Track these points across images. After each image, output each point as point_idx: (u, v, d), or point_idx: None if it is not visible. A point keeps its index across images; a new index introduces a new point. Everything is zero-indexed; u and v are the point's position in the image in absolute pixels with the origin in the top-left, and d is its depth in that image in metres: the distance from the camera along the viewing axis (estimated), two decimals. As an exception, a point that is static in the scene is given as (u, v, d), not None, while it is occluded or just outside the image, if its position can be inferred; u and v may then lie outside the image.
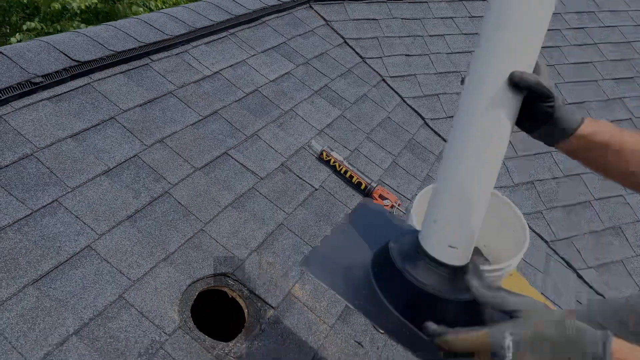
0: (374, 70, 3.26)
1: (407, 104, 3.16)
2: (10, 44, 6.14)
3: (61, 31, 6.95)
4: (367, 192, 2.33)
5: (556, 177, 3.30)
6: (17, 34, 6.97)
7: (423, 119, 3.13)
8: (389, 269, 1.08)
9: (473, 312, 1.00)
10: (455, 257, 1.03)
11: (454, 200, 1.02)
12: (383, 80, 3.24)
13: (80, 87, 1.94)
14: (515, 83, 0.95)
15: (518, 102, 1.00)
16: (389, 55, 3.38)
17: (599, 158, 1.05)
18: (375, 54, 3.34)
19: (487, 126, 1.00)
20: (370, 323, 1.13)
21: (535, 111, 1.02)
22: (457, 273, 1.03)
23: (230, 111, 2.30)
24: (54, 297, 1.36)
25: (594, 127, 1.03)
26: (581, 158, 1.06)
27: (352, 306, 1.09)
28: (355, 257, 1.17)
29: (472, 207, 1.01)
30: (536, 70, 1.02)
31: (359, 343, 1.76)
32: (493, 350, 0.80)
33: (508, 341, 0.79)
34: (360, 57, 3.29)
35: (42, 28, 7.31)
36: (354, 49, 3.31)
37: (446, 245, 1.02)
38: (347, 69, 3.10)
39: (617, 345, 0.77)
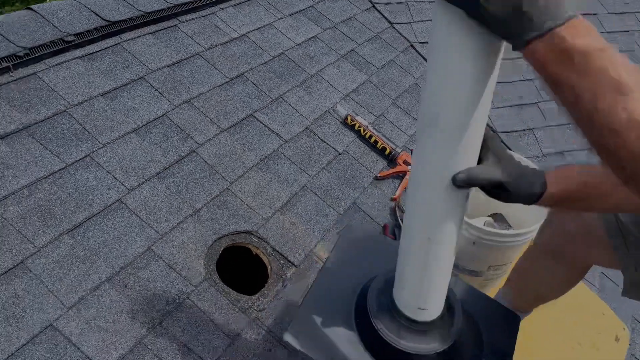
0: (402, 35, 3.20)
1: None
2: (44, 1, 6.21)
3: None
4: (391, 158, 2.33)
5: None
6: None
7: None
8: (369, 327, 1.16)
9: (456, 352, 1.15)
10: (427, 315, 1.13)
11: (418, 276, 1.07)
12: (411, 46, 3.18)
13: (111, 46, 1.97)
14: (460, 185, 0.88)
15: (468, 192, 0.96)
16: (418, 21, 3.31)
17: (577, 206, 0.99)
18: (404, 19, 3.28)
19: (437, 217, 0.98)
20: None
21: (492, 194, 0.97)
22: (431, 325, 1.14)
23: (256, 74, 2.31)
24: (87, 246, 1.43)
25: (558, 185, 0.93)
26: (562, 208, 1.00)
27: None
28: (338, 313, 1.24)
29: (435, 279, 1.08)
30: (483, 148, 0.92)
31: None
32: None
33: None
34: (389, 22, 3.23)
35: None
36: (382, 14, 3.25)
37: (416, 307, 1.12)
38: (375, 33, 3.06)
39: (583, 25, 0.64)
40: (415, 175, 0.98)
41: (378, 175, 2.24)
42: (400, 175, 2.31)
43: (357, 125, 2.35)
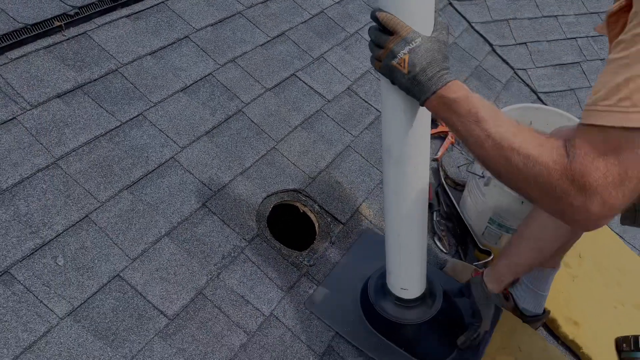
0: (441, -7, 3.12)
1: (475, 30, 3.04)
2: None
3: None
4: (433, 118, 2.31)
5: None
6: None
7: (491, 45, 3.01)
8: (370, 304, 1.49)
9: (431, 330, 1.48)
10: (409, 294, 1.43)
11: (396, 260, 1.38)
12: (450, 4, 3.10)
13: (155, 5, 1.97)
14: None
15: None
16: (457, -23, 3.21)
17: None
18: (443, -25, 3.18)
19: (402, 219, 1.29)
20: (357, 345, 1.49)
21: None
22: (416, 301, 1.44)
23: (297, 33, 2.29)
24: (145, 201, 1.47)
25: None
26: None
27: (344, 334, 1.49)
28: (350, 291, 1.58)
29: (409, 265, 1.38)
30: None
31: (423, 260, 1.83)
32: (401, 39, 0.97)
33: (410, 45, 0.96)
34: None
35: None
36: (420, -30, 3.15)
37: (400, 288, 1.42)
38: (413, -9, 2.98)
39: (457, 85, 0.95)
40: (384, 186, 1.28)
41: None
42: (442, 136, 2.30)
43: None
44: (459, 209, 2.01)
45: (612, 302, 1.99)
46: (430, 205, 2.01)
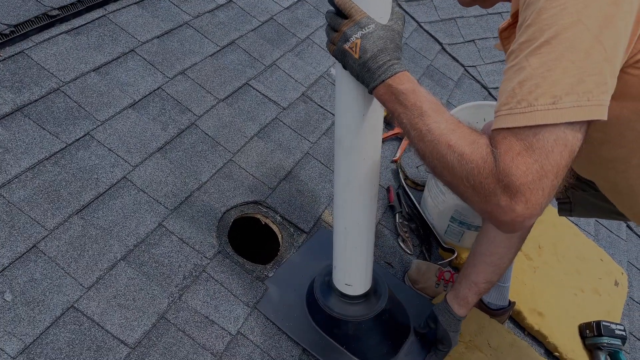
0: (389, -6, 3.15)
1: (424, 29, 3.08)
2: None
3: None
4: (388, 120, 2.32)
5: None
6: None
7: (440, 44, 3.06)
8: (314, 300, 1.49)
9: (373, 329, 1.46)
10: (353, 290, 1.43)
11: (342, 254, 1.38)
12: (398, 5, 3.13)
13: (97, 19, 1.89)
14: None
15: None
16: (403, -21, 3.25)
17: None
18: (389, -23, 3.21)
19: (350, 212, 1.28)
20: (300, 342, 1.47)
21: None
22: (360, 298, 1.44)
23: (247, 41, 2.25)
24: (98, 225, 1.40)
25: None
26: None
27: (285, 330, 1.46)
28: (297, 288, 1.55)
29: (359, 260, 1.38)
30: None
31: (389, 264, 1.82)
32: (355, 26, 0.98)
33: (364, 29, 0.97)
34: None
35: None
36: (367, -27, 3.18)
37: (344, 283, 1.42)
38: (361, -6, 2.99)
39: (405, 76, 0.96)
40: (335, 179, 1.27)
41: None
42: (399, 137, 2.31)
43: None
44: (420, 209, 2.02)
45: (572, 290, 2.05)
46: (392, 207, 2.01)
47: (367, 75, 0.98)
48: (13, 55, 1.62)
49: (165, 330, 1.31)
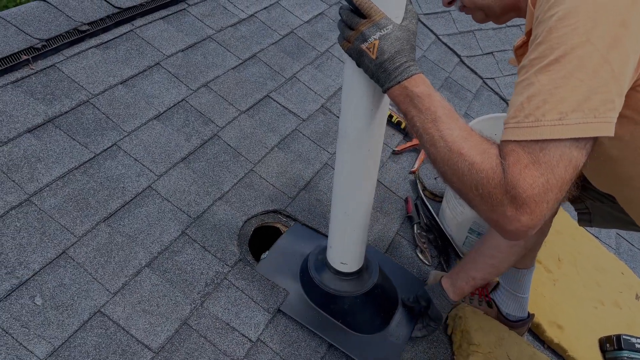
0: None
1: (442, 42, 3.10)
2: (20, 1, 6.04)
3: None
4: (407, 131, 2.34)
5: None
6: None
7: (459, 56, 3.08)
8: (308, 276, 1.55)
9: (368, 302, 1.54)
10: (347, 268, 1.51)
11: (340, 236, 1.44)
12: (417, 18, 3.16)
13: (124, 34, 1.96)
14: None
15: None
16: (422, -8, 3.28)
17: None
18: (408, -9, 3.25)
19: (351, 200, 1.35)
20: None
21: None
22: (354, 275, 1.52)
23: (268, 54, 2.30)
24: (124, 233, 1.45)
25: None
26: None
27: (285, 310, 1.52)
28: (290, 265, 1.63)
29: (357, 242, 1.45)
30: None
31: (406, 274, 1.83)
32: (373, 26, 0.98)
33: (382, 30, 0.97)
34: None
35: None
36: (385, -13, 3.22)
37: (339, 262, 1.49)
38: (380, 7, 3.03)
39: (421, 78, 0.97)
40: (336, 168, 1.32)
41: (395, 149, 2.26)
42: (417, 148, 2.33)
43: (371, 100, 2.35)
44: (438, 221, 2.03)
45: (592, 303, 2.03)
46: (410, 218, 2.02)
47: (383, 76, 0.98)
48: (45, 69, 1.69)
49: (188, 336, 1.34)
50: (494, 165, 0.85)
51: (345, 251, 1.48)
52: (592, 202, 1.43)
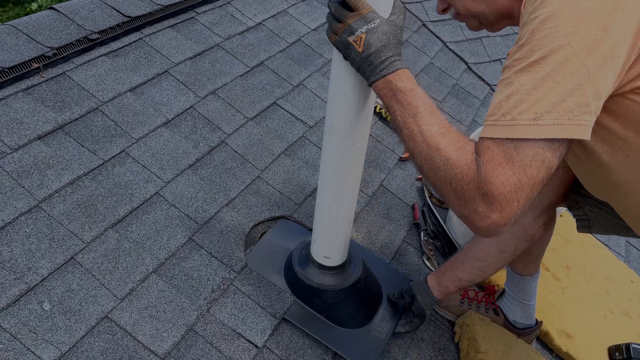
0: (415, 15, 3.19)
1: (450, 49, 3.11)
2: (31, 9, 6.08)
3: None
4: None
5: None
6: None
7: (466, 63, 3.08)
8: (293, 271, 1.56)
9: (351, 297, 1.55)
10: (331, 262, 1.51)
11: (324, 230, 1.45)
12: (424, 25, 3.18)
13: (134, 42, 1.99)
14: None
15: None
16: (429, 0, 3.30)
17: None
18: (415, -2, 3.26)
19: (336, 193, 1.35)
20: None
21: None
22: (337, 269, 1.53)
23: (275, 61, 2.32)
24: (131, 239, 1.46)
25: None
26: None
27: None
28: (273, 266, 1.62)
29: (341, 235, 1.46)
30: None
31: (412, 281, 1.83)
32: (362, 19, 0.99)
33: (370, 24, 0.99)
34: (401, 2, 3.22)
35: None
36: (393, -6, 3.24)
37: (323, 256, 1.50)
38: (387, 15, 3.05)
39: (405, 74, 0.98)
40: (322, 161, 1.33)
41: (402, 156, 2.26)
42: (424, 155, 2.33)
43: (377, 107, 2.36)
44: (445, 228, 2.02)
45: (602, 311, 2.01)
46: (417, 225, 2.02)
47: (369, 70, 0.99)
48: (55, 77, 1.72)
49: (194, 342, 1.35)
50: (469, 162, 0.87)
51: (329, 245, 1.49)
52: (590, 208, 1.42)
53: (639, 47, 0.84)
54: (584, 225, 1.47)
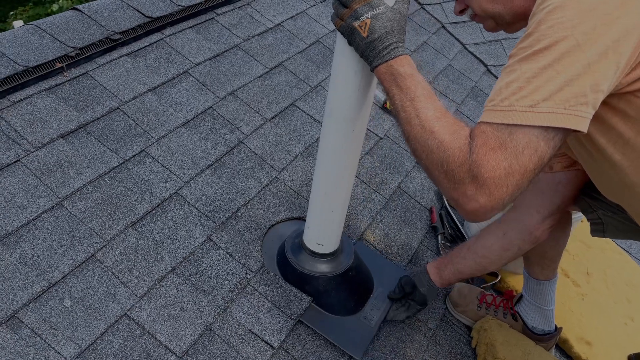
0: (433, 17, 3.18)
1: (469, 51, 3.08)
2: (52, 11, 6.15)
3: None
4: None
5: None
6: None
7: (485, 65, 3.05)
8: (285, 258, 1.57)
9: (343, 282, 1.56)
10: (324, 249, 1.52)
11: (318, 216, 1.46)
12: (443, 27, 3.16)
13: (154, 42, 2.01)
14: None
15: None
16: (448, 1, 3.27)
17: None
18: (434, 0, 3.24)
19: (332, 179, 1.36)
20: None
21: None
22: (329, 256, 1.54)
23: (294, 63, 2.32)
24: (150, 238, 1.48)
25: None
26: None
27: None
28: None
29: (335, 223, 1.48)
30: None
31: (430, 284, 1.82)
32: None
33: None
34: (419, 3, 3.20)
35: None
36: (412, -4, 3.23)
37: (315, 243, 1.51)
38: (406, 16, 3.03)
39: (407, 59, 1.00)
40: (320, 148, 1.33)
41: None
42: (442, 158, 2.31)
43: (388, 104, 2.35)
44: (463, 231, 2.01)
45: (622, 319, 1.98)
46: (435, 228, 2.01)
47: (372, 54, 1.01)
48: (78, 76, 1.74)
49: (211, 342, 1.35)
50: (461, 145, 0.88)
51: (322, 231, 1.50)
52: (604, 212, 1.40)
53: None
54: (598, 229, 1.46)
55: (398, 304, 1.63)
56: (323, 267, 1.54)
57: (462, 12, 1.19)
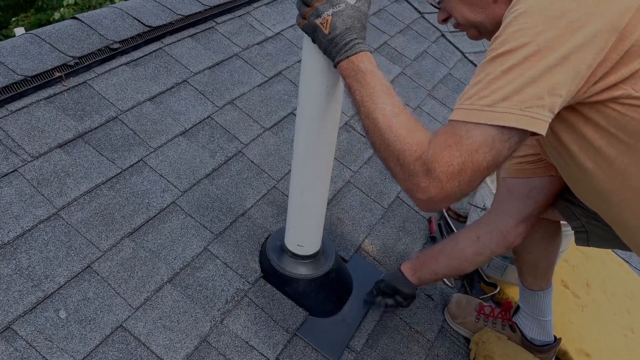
0: (433, 25, 3.18)
1: (469, 60, 3.08)
2: (54, 19, 6.16)
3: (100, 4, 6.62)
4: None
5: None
6: (61, 8, 6.76)
7: (485, 74, 3.05)
8: (268, 260, 1.58)
9: (322, 286, 1.57)
10: (304, 250, 1.54)
11: (296, 217, 1.47)
12: (442, 35, 3.16)
13: (154, 51, 2.01)
14: None
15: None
16: (448, 10, 3.28)
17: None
18: (434, 8, 3.24)
19: (307, 178, 1.38)
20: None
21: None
22: (310, 258, 1.55)
23: (293, 71, 2.32)
24: (147, 248, 1.47)
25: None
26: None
27: None
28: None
29: (313, 223, 1.49)
30: None
31: (429, 296, 1.81)
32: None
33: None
34: (419, 12, 3.21)
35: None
36: (411, 4, 3.23)
37: (296, 244, 1.52)
38: (406, 25, 3.04)
39: (367, 56, 1.03)
40: (294, 148, 1.35)
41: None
42: (441, 167, 2.31)
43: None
44: (462, 241, 2.00)
45: (622, 330, 1.96)
46: (434, 239, 2.00)
47: (334, 50, 1.04)
48: (77, 86, 1.74)
49: (207, 354, 1.34)
50: (418, 141, 0.93)
51: (301, 232, 1.51)
52: (587, 220, 1.40)
53: (619, 55, 0.88)
54: (582, 237, 1.45)
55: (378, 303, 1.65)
56: (303, 269, 1.55)
57: (445, 20, 1.22)
